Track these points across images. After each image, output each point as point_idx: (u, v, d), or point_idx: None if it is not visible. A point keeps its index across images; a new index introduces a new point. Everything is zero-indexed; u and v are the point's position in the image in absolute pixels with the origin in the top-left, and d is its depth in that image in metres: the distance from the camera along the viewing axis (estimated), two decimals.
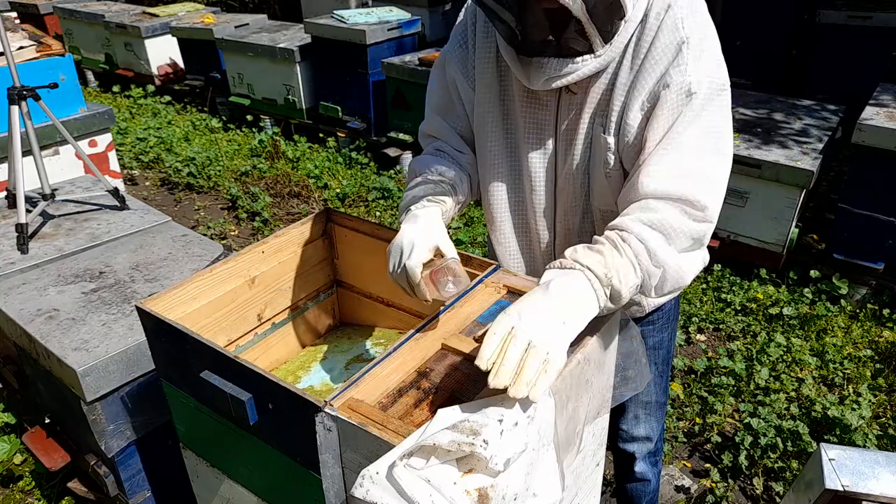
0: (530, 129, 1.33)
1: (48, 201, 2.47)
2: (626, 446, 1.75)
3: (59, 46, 3.42)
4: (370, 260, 1.71)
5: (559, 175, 1.35)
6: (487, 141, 1.40)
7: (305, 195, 4.61)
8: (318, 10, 6.80)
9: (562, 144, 1.32)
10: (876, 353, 2.94)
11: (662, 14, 1.15)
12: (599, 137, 1.26)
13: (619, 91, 1.21)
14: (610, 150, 1.25)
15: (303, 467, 1.18)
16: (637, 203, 1.16)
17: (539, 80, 1.20)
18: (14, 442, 2.44)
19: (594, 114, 1.26)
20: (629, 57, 1.19)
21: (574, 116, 1.28)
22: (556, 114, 1.30)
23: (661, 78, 1.15)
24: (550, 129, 1.32)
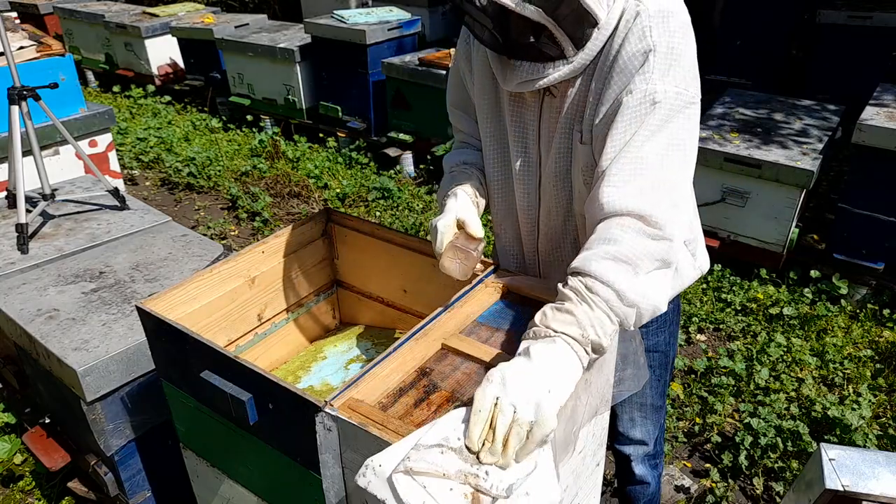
0: (516, 129, 1.35)
1: (48, 201, 2.47)
2: (623, 448, 1.75)
3: (59, 46, 3.42)
4: (370, 260, 1.71)
5: (542, 176, 1.37)
6: (485, 139, 1.43)
7: (305, 195, 4.61)
8: (318, 10, 6.80)
9: (544, 147, 1.34)
10: (876, 353, 2.94)
11: (630, 22, 1.14)
12: (577, 144, 1.27)
13: (591, 98, 1.22)
14: (588, 157, 1.26)
15: (303, 467, 1.18)
16: (598, 227, 1.13)
17: (512, 81, 1.22)
18: (14, 442, 2.44)
19: (572, 119, 1.27)
20: (601, 64, 1.19)
21: (553, 120, 1.30)
22: (539, 116, 1.31)
23: (626, 86, 1.14)
24: (534, 132, 1.33)
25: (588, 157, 1.26)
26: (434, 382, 1.16)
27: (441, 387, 1.15)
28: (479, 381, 1.15)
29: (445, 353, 1.24)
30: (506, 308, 1.36)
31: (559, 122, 1.28)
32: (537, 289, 1.38)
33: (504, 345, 1.25)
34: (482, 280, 1.42)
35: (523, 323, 1.30)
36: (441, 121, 4.55)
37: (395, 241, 1.63)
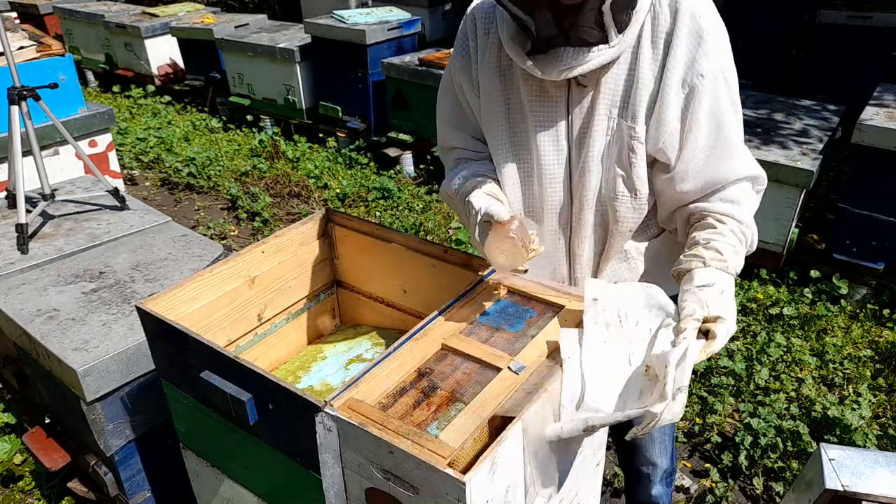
0: (541, 127, 1.33)
1: (48, 201, 2.47)
2: (643, 468, 1.74)
3: (59, 46, 3.42)
4: (370, 260, 1.71)
5: (574, 171, 1.35)
6: (497, 145, 1.40)
7: (305, 195, 4.61)
8: (318, 10, 6.81)
9: (576, 139, 1.32)
10: (876, 353, 2.94)
11: (676, 4, 1.19)
12: (623, 127, 1.27)
13: (644, 79, 1.23)
14: (636, 139, 1.27)
15: (303, 467, 1.18)
16: (730, 190, 1.27)
17: (554, 70, 1.21)
18: (14, 442, 2.44)
19: (612, 104, 1.27)
20: (646, 46, 1.21)
21: (588, 109, 1.29)
22: (568, 109, 1.30)
23: (692, 66, 1.20)
24: (563, 125, 1.32)
25: (637, 136, 1.27)
26: (434, 382, 1.16)
27: (441, 387, 1.15)
28: (480, 380, 1.16)
29: (445, 353, 1.24)
30: (506, 308, 1.36)
31: (596, 110, 1.27)
32: (537, 289, 1.39)
33: (504, 345, 1.25)
34: (482, 280, 1.42)
35: (523, 323, 1.30)
36: None
37: (395, 241, 1.63)
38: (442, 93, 1.50)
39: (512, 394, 1.11)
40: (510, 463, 1.03)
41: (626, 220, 1.36)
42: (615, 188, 1.33)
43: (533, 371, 1.16)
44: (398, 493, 1.04)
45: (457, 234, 3.95)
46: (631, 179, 1.31)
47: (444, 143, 1.53)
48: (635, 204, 1.35)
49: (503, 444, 0.99)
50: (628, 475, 1.83)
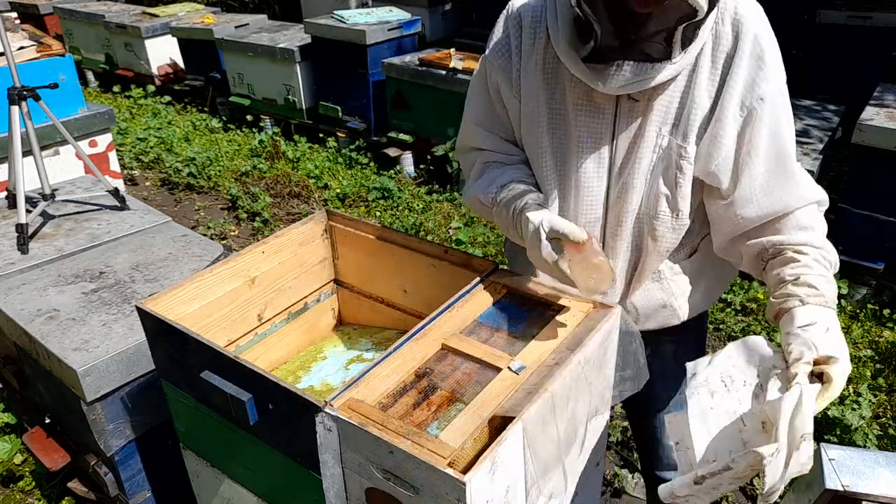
0: (585, 137, 1.28)
1: (48, 201, 2.47)
2: (664, 474, 1.73)
3: (59, 46, 3.42)
4: (370, 260, 1.71)
5: (613, 184, 1.31)
6: (536, 151, 1.35)
7: (305, 195, 4.61)
8: (318, 11, 6.80)
9: (620, 152, 1.28)
10: (876, 353, 2.94)
11: (738, 25, 1.17)
12: (672, 145, 1.24)
13: (699, 99, 1.21)
14: (686, 159, 1.23)
15: (303, 467, 1.18)
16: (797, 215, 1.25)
17: (615, 84, 1.15)
18: (14, 442, 2.44)
19: (663, 121, 1.24)
20: (705, 64, 1.19)
21: (638, 124, 1.25)
22: (615, 122, 1.26)
23: (752, 89, 1.19)
24: (608, 138, 1.28)
25: (687, 156, 1.24)
26: (434, 382, 1.16)
27: (441, 387, 1.15)
28: (480, 380, 1.16)
29: (445, 353, 1.24)
30: (506, 308, 1.36)
31: (646, 126, 1.24)
32: (537, 289, 1.38)
33: (504, 345, 1.25)
34: (482, 280, 1.42)
35: (523, 323, 1.30)
36: (441, 121, 4.55)
37: (395, 242, 1.63)
38: (473, 92, 1.42)
39: (512, 394, 1.11)
40: (510, 463, 1.03)
41: (664, 240, 1.33)
42: (657, 207, 1.29)
43: (533, 371, 1.16)
44: (398, 493, 1.04)
45: (457, 234, 3.95)
46: (675, 199, 1.28)
47: (469, 143, 1.46)
48: (675, 224, 1.31)
49: (503, 444, 0.99)
50: (650, 484, 1.81)
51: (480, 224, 4.10)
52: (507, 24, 1.34)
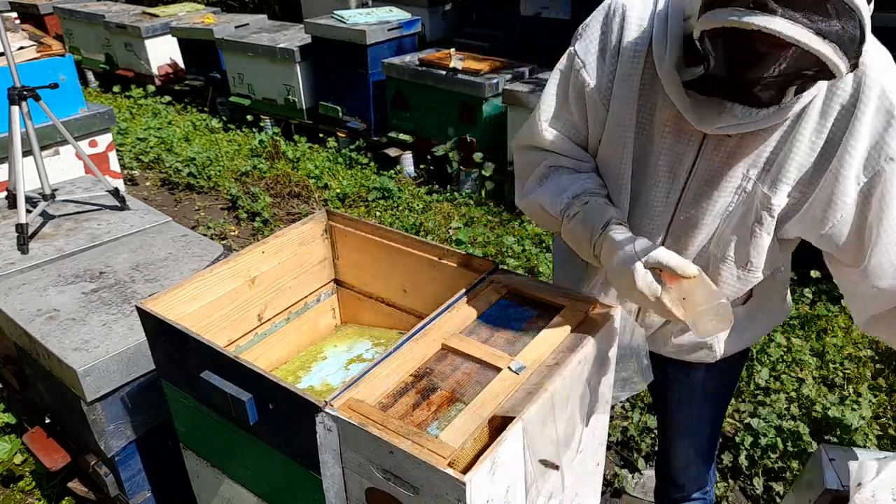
0: (663, 160, 1.21)
1: (48, 201, 2.47)
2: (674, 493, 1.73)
3: (59, 46, 3.42)
4: (370, 260, 1.71)
5: (678, 213, 1.24)
6: (615, 162, 1.26)
7: (305, 195, 4.61)
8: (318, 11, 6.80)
9: (694, 184, 1.20)
10: (876, 353, 2.94)
11: (861, 76, 1.06)
12: (757, 191, 1.16)
13: (799, 149, 1.11)
14: (769, 210, 1.16)
15: (303, 467, 1.18)
16: None
17: (713, 123, 1.06)
18: (14, 442, 2.44)
19: (752, 163, 1.15)
20: (813, 114, 1.08)
21: (722, 161, 1.16)
22: (699, 152, 1.17)
23: (880, 148, 1.07)
24: (686, 166, 1.19)
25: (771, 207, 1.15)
26: (434, 382, 1.16)
27: (441, 387, 1.15)
28: (480, 380, 1.16)
29: (445, 353, 1.24)
30: (506, 308, 1.36)
31: (732, 165, 1.15)
32: (537, 289, 1.38)
33: (504, 345, 1.25)
34: (482, 280, 1.42)
35: (523, 323, 1.30)
36: (441, 121, 4.55)
37: (396, 241, 1.63)
38: (551, 88, 1.30)
39: (512, 394, 1.11)
40: (510, 463, 1.03)
41: (725, 286, 1.26)
42: (726, 251, 1.23)
43: (533, 371, 1.16)
44: (398, 493, 1.04)
45: (457, 234, 3.95)
46: (746, 249, 1.21)
47: (534, 141, 1.34)
48: (742, 274, 1.25)
49: (503, 444, 0.99)
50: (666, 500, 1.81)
51: (480, 224, 4.10)
52: (607, 22, 1.21)
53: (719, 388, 1.55)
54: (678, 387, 1.54)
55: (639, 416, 2.60)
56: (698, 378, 1.50)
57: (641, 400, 2.68)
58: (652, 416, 2.58)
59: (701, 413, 1.57)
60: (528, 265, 3.62)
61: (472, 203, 4.37)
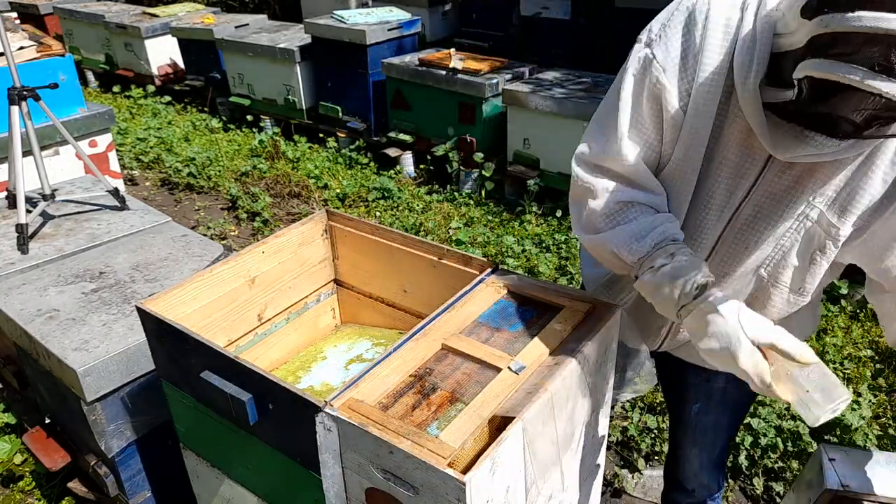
0: (723, 176, 1.16)
1: (48, 201, 2.47)
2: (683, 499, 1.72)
3: (59, 47, 3.42)
4: (370, 260, 1.71)
5: (727, 232, 1.20)
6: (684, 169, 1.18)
7: (305, 195, 4.61)
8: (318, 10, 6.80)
9: (750, 204, 1.16)
10: (876, 353, 2.94)
11: None
12: (823, 220, 1.11)
13: (872, 181, 1.06)
14: (833, 239, 1.12)
15: (303, 467, 1.18)
16: None
17: (790, 151, 1.02)
18: (14, 442, 2.44)
19: (820, 191, 1.10)
20: (891, 147, 1.04)
21: (787, 185, 1.12)
22: (762, 170, 1.12)
23: None
24: (745, 186, 1.15)
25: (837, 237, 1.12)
26: (434, 382, 1.16)
27: (441, 387, 1.15)
28: (480, 380, 1.16)
29: (445, 353, 1.24)
30: (506, 308, 1.36)
31: (798, 190, 1.11)
32: (537, 289, 1.39)
33: (504, 345, 1.25)
34: (482, 280, 1.42)
35: (523, 323, 1.30)
36: (441, 121, 4.55)
37: (395, 241, 1.63)
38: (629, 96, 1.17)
39: (512, 394, 1.11)
40: (510, 463, 1.03)
41: (773, 310, 1.24)
42: (780, 276, 1.19)
43: (533, 371, 1.16)
44: (398, 493, 1.04)
45: (457, 234, 3.96)
46: (803, 276, 1.18)
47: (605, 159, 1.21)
48: (793, 299, 1.22)
49: (503, 444, 0.99)
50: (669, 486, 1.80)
51: (480, 224, 4.10)
52: (690, 24, 1.11)
53: (740, 398, 1.51)
54: (697, 392, 1.50)
55: (639, 416, 2.60)
56: (719, 385, 1.47)
57: (641, 400, 2.68)
58: (652, 416, 2.58)
59: (718, 420, 1.54)
60: (528, 265, 3.62)
61: (472, 203, 4.37)
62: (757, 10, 1.04)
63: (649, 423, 2.57)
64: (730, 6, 1.08)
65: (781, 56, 0.98)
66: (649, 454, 2.49)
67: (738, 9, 1.07)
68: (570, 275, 3.51)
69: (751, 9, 1.05)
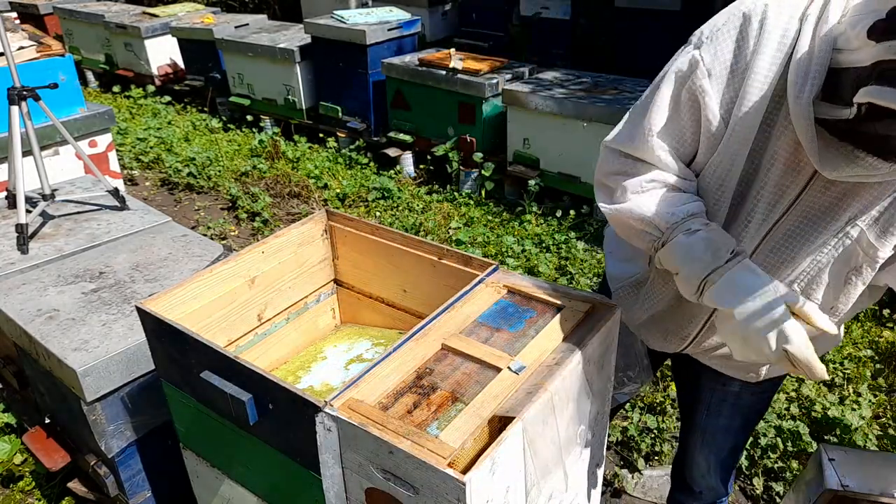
0: (767, 189, 1.13)
1: (48, 201, 2.47)
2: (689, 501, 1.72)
3: (59, 47, 3.42)
4: (370, 260, 1.71)
5: (765, 244, 1.18)
6: (715, 182, 1.17)
7: (305, 195, 4.61)
8: (318, 11, 6.80)
9: (791, 218, 1.13)
10: (876, 353, 2.94)
11: None
12: (863, 240, 1.09)
13: None
14: (871, 261, 1.11)
15: (303, 467, 1.18)
16: None
17: (839, 169, 1.00)
18: (14, 442, 2.44)
19: (863, 210, 1.07)
20: None
21: (830, 201, 1.09)
22: (805, 186, 1.10)
23: None
24: (788, 199, 1.12)
25: (876, 260, 1.10)
26: (434, 382, 1.16)
27: (441, 387, 1.15)
28: (480, 380, 1.16)
29: (445, 353, 1.24)
30: (506, 308, 1.36)
31: (840, 207, 1.09)
32: (537, 289, 1.38)
33: (504, 345, 1.25)
34: (482, 280, 1.42)
35: (523, 323, 1.30)
36: (441, 121, 4.55)
37: (395, 241, 1.63)
38: (663, 94, 1.16)
39: (512, 394, 1.11)
40: (510, 463, 1.03)
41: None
42: (812, 293, 1.17)
43: (533, 371, 1.16)
44: (398, 493, 1.04)
45: (457, 234, 3.96)
46: (836, 295, 1.17)
47: (635, 150, 1.21)
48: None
49: (503, 444, 0.99)
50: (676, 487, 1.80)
51: (480, 224, 4.10)
52: (744, 29, 1.07)
53: (754, 404, 1.50)
54: (710, 395, 1.50)
55: (639, 416, 2.60)
56: (733, 390, 1.46)
57: (641, 400, 2.68)
58: (652, 416, 2.58)
59: (729, 424, 1.53)
60: (528, 265, 3.62)
61: (472, 203, 4.37)
62: (817, 23, 1.01)
63: (649, 423, 2.57)
64: (788, 17, 1.04)
65: (840, 72, 0.96)
66: (649, 454, 2.49)
67: (797, 20, 1.03)
68: (570, 275, 3.51)
69: (810, 20, 1.02)
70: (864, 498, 1.37)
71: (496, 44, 6.48)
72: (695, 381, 1.52)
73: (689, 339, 1.36)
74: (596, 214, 4.01)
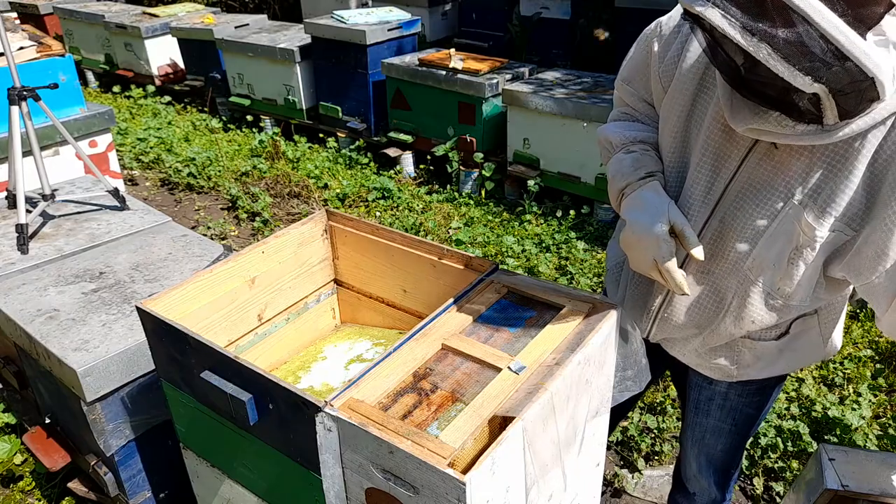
0: (708, 155, 1.16)
1: (48, 201, 2.47)
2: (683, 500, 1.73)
3: (59, 47, 3.43)
4: (370, 260, 1.71)
5: (714, 216, 1.19)
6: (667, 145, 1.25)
7: (305, 195, 4.61)
8: (318, 11, 6.80)
9: (734, 189, 1.15)
10: (876, 353, 2.94)
11: None
12: (802, 220, 1.09)
13: (851, 184, 1.04)
14: (811, 243, 1.11)
15: (303, 467, 1.18)
16: None
17: (743, 123, 1.02)
18: (14, 442, 2.44)
19: (799, 186, 1.08)
20: (869, 150, 1.01)
21: (766, 173, 1.11)
22: (744, 158, 1.13)
23: None
24: (730, 168, 1.15)
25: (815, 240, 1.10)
26: (434, 382, 1.16)
27: (441, 387, 1.15)
28: (480, 380, 1.16)
29: (445, 353, 1.24)
30: (506, 308, 1.36)
31: (776, 181, 1.10)
32: (537, 289, 1.39)
33: (504, 345, 1.25)
34: (482, 280, 1.42)
35: (523, 323, 1.30)
36: (441, 121, 4.55)
37: (395, 241, 1.63)
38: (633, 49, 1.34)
39: (512, 394, 1.11)
40: (510, 463, 1.03)
41: (752, 314, 1.22)
42: (757, 274, 1.18)
43: (533, 371, 1.16)
44: (398, 493, 1.04)
45: (457, 234, 3.96)
46: (782, 277, 1.16)
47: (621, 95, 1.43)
48: (773, 303, 1.20)
49: (503, 444, 0.99)
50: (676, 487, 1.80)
51: (480, 224, 4.10)
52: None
53: (742, 407, 1.49)
54: (698, 393, 1.51)
55: (639, 416, 2.60)
56: (720, 390, 1.47)
57: (641, 400, 2.68)
58: (652, 416, 2.58)
59: (718, 425, 1.52)
60: (528, 265, 3.62)
61: (472, 203, 4.37)
62: None
63: (649, 423, 2.57)
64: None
65: None
66: (649, 454, 2.49)
67: None
68: (570, 275, 3.51)
69: None
70: (864, 498, 1.37)
71: (496, 44, 6.48)
72: (684, 380, 1.56)
73: (653, 313, 1.37)
74: (596, 214, 4.02)
